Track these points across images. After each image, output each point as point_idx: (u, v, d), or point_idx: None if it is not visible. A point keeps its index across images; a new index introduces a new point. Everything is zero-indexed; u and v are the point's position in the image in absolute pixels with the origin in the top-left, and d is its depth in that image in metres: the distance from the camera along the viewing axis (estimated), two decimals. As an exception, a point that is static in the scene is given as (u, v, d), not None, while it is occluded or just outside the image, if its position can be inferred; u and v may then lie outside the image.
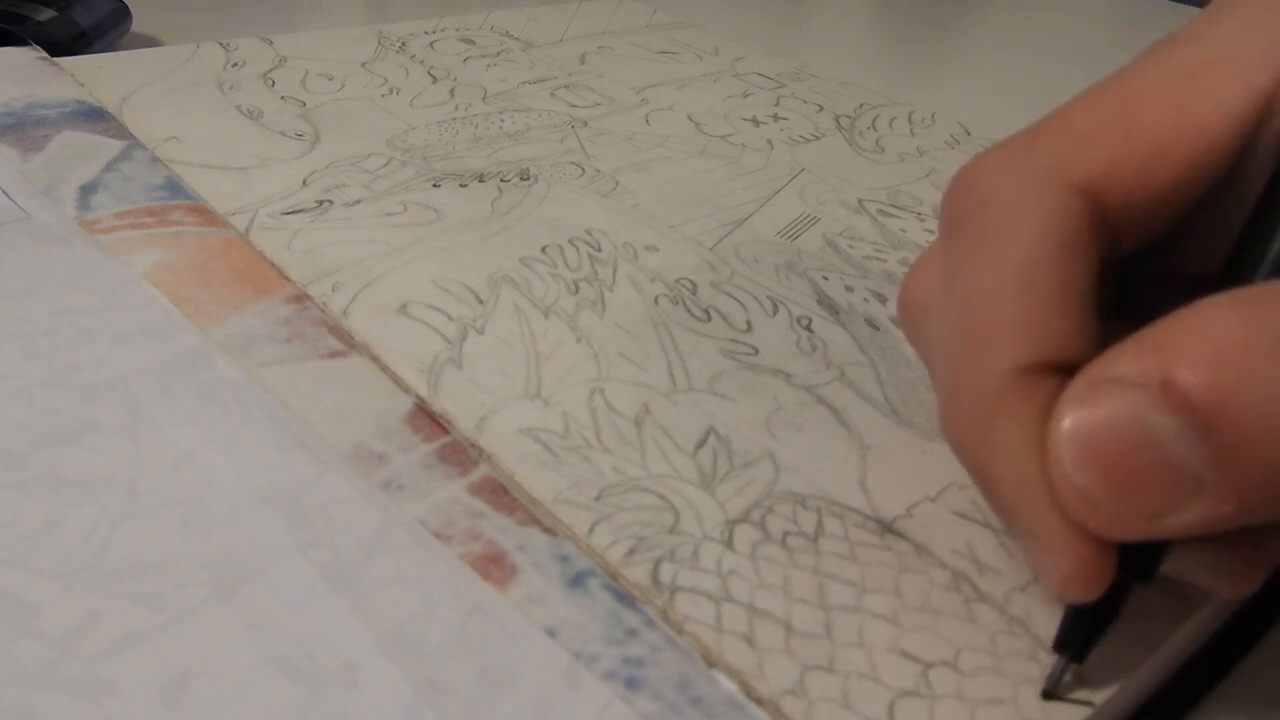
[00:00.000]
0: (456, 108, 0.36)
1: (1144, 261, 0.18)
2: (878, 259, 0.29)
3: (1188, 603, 0.18)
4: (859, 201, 0.32)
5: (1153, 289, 0.19)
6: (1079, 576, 0.15)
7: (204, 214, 0.27)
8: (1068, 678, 0.16)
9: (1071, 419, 0.14)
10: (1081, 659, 0.16)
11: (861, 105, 0.40)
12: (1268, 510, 0.13)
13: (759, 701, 0.16)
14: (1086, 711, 0.16)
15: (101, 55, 0.36)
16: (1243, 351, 0.13)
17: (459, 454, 0.20)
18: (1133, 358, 0.14)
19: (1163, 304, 0.15)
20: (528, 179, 0.31)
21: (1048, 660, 0.17)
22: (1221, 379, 0.13)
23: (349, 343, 0.23)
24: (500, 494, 0.19)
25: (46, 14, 0.38)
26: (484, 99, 0.37)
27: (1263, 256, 0.15)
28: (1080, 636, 0.16)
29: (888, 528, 0.19)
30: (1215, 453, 0.13)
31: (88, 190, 0.27)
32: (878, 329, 0.25)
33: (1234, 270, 0.16)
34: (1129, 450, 0.13)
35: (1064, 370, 0.15)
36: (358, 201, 0.29)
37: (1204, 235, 0.17)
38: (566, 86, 0.39)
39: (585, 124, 0.36)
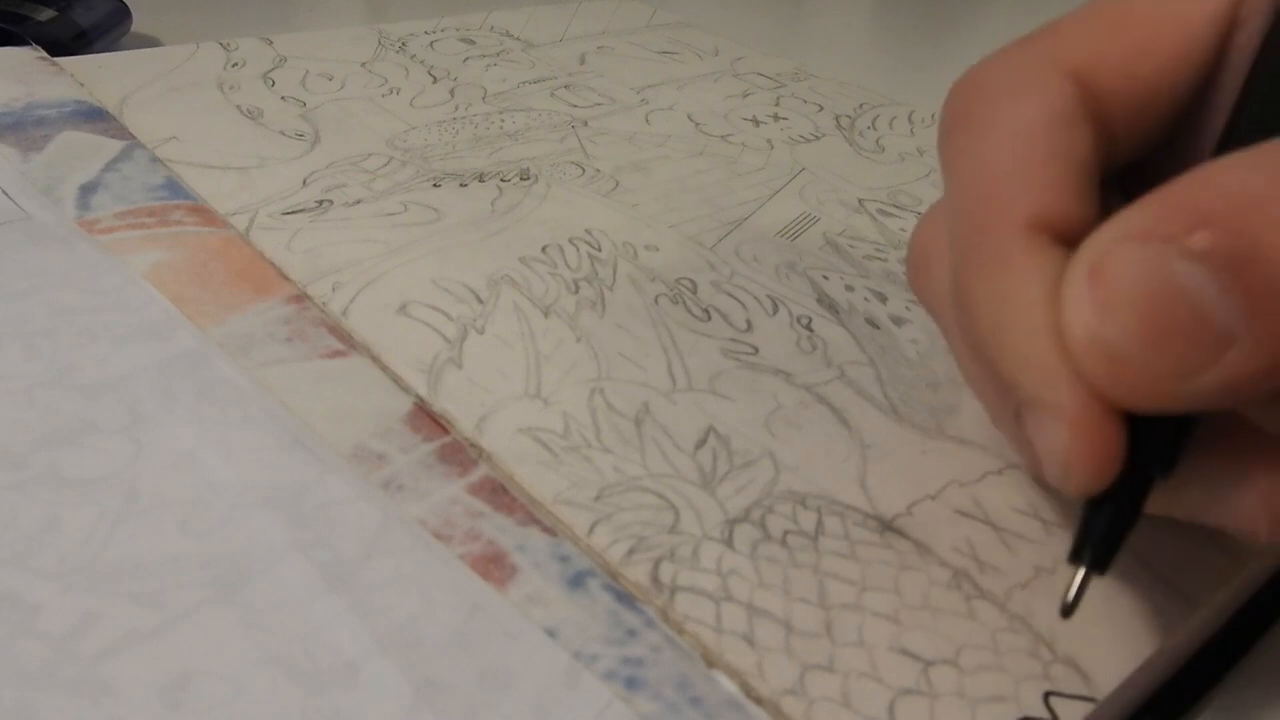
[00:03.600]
0: (456, 108, 0.36)
1: (1139, 178, 0.18)
2: (878, 258, 0.29)
3: (1189, 601, 0.18)
4: (859, 201, 0.32)
5: None
6: (1085, 453, 0.14)
7: (204, 214, 0.27)
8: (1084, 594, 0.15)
9: (1092, 270, 0.14)
10: (1103, 568, 0.15)
11: (861, 105, 0.40)
12: None
13: (759, 701, 0.16)
14: (1087, 708, 0.16)
15: (101, 55, 0.36)
16: (1269, 198, 0.12)
17: (459, 454, 0.20)
18: (1153, 212, 0.13)
19: None
20: (528, 179, 0.31)
21: (1049, 658, 0.17)
22: (1249, 225, 0.12)
23: (349, 343, 0.23)
24: (500, 494, 0.19)
25: (46, 14, 0.38)
26: (484, 99, 0.37)
27: (1262, 111, 0.15)
28: (1099, 540, 0.15)
29: (888, 526, 0.19)
30: (1245, 302, 0.12)
31: (88, 190, 0.27)
32: (878, 328, 0.25)
33: (1236, 133, 0.15)
34: (1156, 301, 0.13)
35: (1070, 241, 0.15)
36: (358, 201, 0.29)
37: (1195, 144, 0.18)
38: (566, 86, 0.39)
39: (585, 124, 0.36)
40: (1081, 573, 0.15)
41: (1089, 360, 0.14)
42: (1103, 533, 0.15)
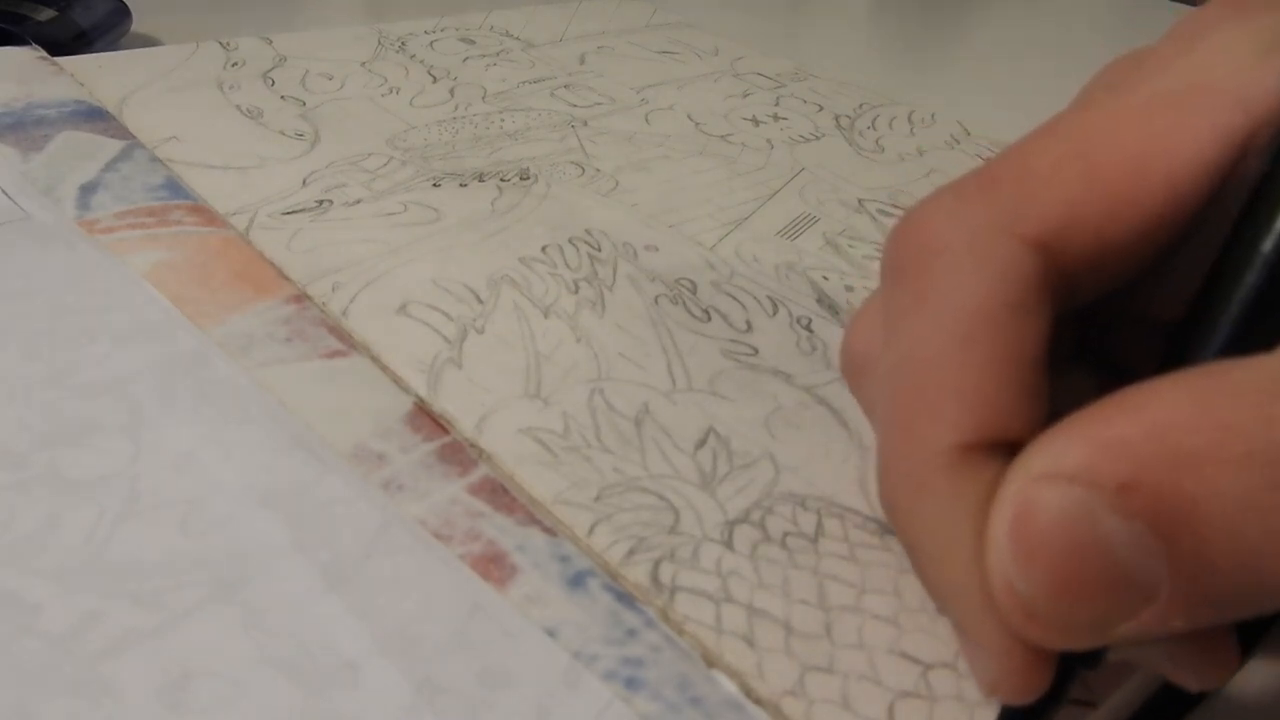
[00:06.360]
0: (456, 107, 0.36)
1: (1110, 306, 0.17)
2: (878, 259, 0.29)
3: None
4: (859, 201, 0.32)
5: (1119, 332, 0.18)
6: (1010, 684, 0.14)
7: (204, 214, 0.27)
8: None
9: (1015, 515, 0.13)
10: None
11: (861, 105, 0.40)
12: (1221, 620, 0.12)
13: (759, 702, 0.16)
14: (1087, 712, 0.16)
15: (101, 55, 0.36)
16: (1209, 457, 0.11)
17: (459, 454, 0.20)
18: (1084, 449, 0.12)
19: (1130, 349, 0.14)
20: (528, 178, 0.31)
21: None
22: (1183, 485, 0.11)
23: (349, 342, 0.23)
24: (500, 494, 0.19)
25: (46, 14, 0.38)
26: (484, 99, 0.37)
27: (1221, 318, 0.14)
28: None
29: (887, 528, 0.19)
30: (1171, 563, 0.12)
31: (88, 190, 0.27)
32: (878, 329, 0.25)
33: (1191, 334, 0.14)
34: (1076, 554, 0.12)
35: (1007, 448, 0.14)
36: (358, 201, 0.29)
37: (1173, 280, 0.16)
38: (566, 86, 0.39)
39: (585, 123, 0.36)
40: None
41: (1006, 608, 0.13)
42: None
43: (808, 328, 0.25)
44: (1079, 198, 0.15)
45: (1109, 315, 0.17)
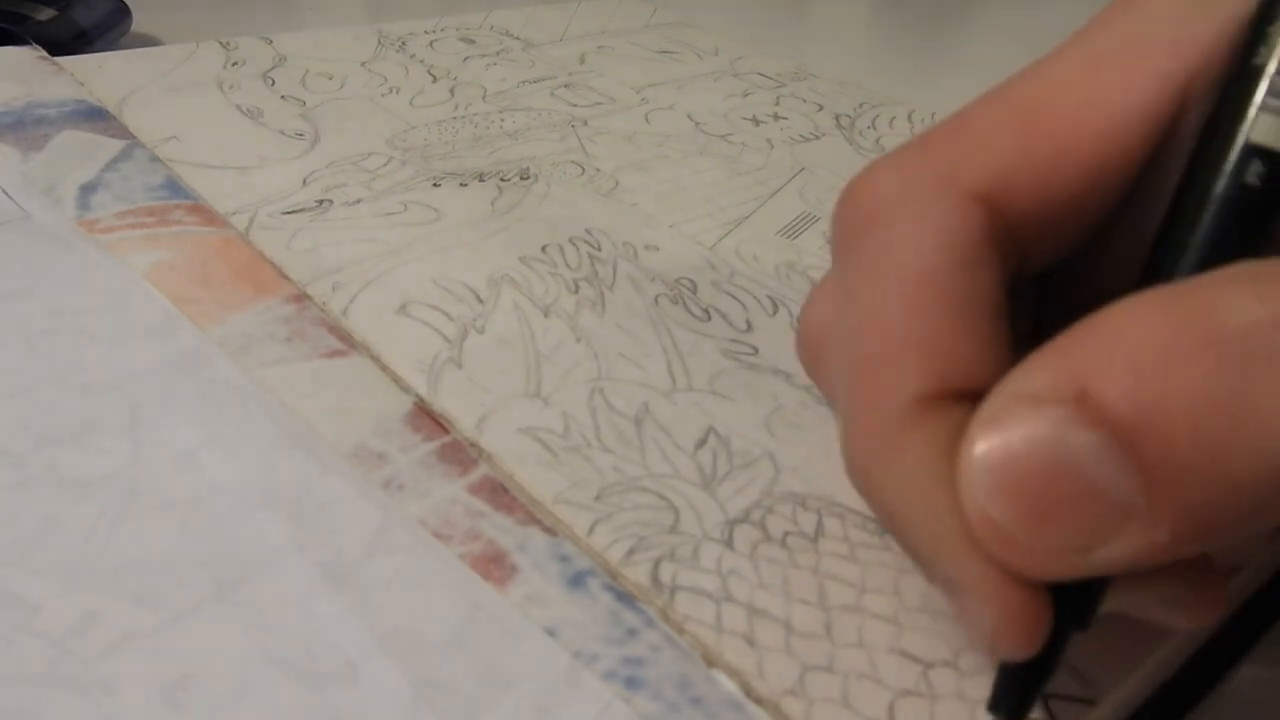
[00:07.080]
0: (456, 107, 0.36)
1: (1063, 285, 0.17)
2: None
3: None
4: (859, 201, 0.32)
5: (1076, 315, 0.18)
6: (1009, 628, 0.13)
7: (204, 214, 0.27)
8: None
9: (982, 444, 0.12)
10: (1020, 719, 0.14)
11: (861, 105, 0.40)
12: (1208, 539, 0.12)
13: (759, 701, 0.16)
14: (1086, 710, 0.16)
15: (101, 55, 0.36)
16: (1165, 355, 0.11)
17: (459, 454, 0.20)
18: (1044, 370, 0.12)
19: None
20: (528, 178, 0.31)
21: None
22: (1142, 388, 0.11)
23: (349, 342, 0.23)
24: (500, 494, 0.19)
25: (46, 13, 0.38)
26: (484, 98, 0.37)
27: (1181, 253, 0.14)
28: (1015, 694, 0.14)
29: (888, 527, 0.19)
30: (1142, 473, 0.11)
31: (88, 190, 0.27)
32: (878, 328, 0.25)
33: (1151, 272, 0.14)
34: (1047, 475, 0.12)
35: (971, 396, 0.14)
36: (358, 201, 0.29)
37: (1126, 250, 0.16)
38: (566, 86, 0.39)
39: (585, 123, 0.36)
40: None
41: (986, 541, 0.13)
42: (1020, 687, 0.14)
43: (808, 327, 0.25)
44: (1018, 150, 0.15)
45: (1067, 297, 0.17)
